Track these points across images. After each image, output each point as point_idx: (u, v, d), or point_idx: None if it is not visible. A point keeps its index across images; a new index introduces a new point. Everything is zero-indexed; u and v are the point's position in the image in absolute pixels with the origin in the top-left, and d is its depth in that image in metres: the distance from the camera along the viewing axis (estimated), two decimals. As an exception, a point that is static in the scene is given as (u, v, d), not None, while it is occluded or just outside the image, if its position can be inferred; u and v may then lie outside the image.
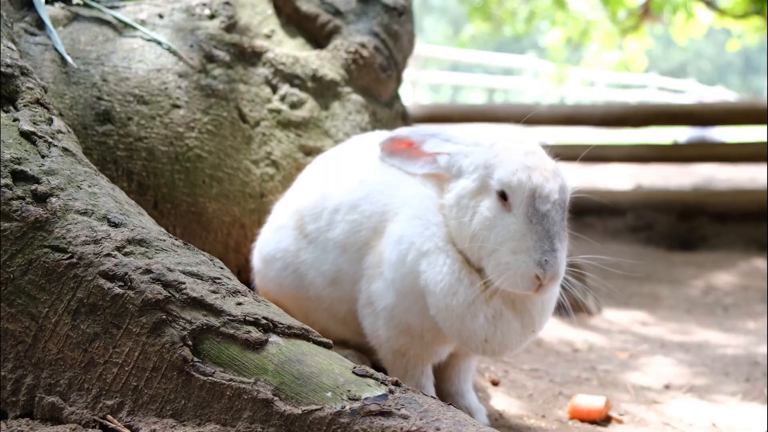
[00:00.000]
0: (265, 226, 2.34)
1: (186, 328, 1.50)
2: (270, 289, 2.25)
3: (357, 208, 2.01)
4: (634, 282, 4.78)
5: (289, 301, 2.17)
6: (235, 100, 2.61)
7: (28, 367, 1.56)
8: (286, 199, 2.30)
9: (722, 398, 2.61)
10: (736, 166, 8.80)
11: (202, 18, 2.70)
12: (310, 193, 2.17)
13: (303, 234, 2.13)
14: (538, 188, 1.72)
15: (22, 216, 1.61)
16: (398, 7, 2.99)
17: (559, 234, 1.72)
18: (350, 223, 2.01)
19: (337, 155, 2.26)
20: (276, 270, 2.20)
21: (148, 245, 1.63)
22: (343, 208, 2.04)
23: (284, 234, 2.18)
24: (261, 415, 1.43)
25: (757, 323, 3.82)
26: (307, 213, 2.12)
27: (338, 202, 2.05)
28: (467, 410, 2.07)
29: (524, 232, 1.71)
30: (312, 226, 2.11)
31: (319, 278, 2.10)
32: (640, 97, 21.83)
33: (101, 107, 2.38)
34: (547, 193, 1.72)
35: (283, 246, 2.18)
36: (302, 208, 2.15)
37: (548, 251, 1.69)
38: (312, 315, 2.17)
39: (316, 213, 2.10)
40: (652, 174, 8.95)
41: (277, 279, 2.21)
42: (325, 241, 2.07)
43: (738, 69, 39.47)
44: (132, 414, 1.49)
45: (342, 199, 2.05)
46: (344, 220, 2.02)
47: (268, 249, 2.24)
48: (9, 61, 1.87)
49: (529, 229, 1.70)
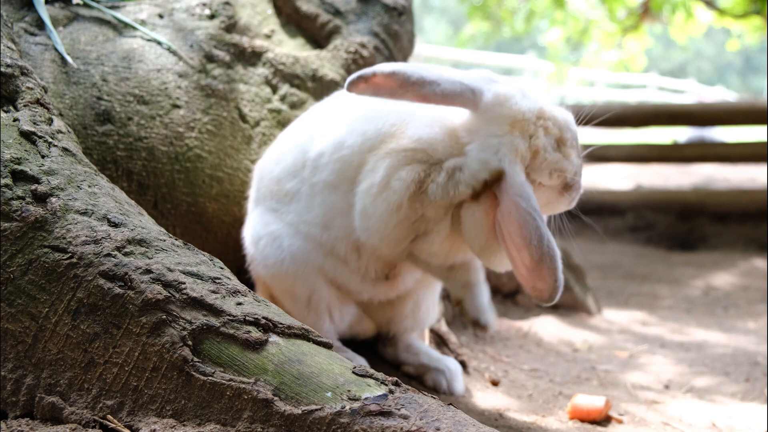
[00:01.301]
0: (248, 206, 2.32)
1: (186, 328, 1.51)
2: (261, 273, 2.21)
3: (343, 144, 1.99)
4: (634, 282, 4.78)
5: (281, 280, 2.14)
6: (235, 100, 2.61)
7: (28, 367, 1.56)
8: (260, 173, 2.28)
9: (722, 398, 2.61)
10: (735, 166, 8.81)
11: (202, 18, 2.70)
12: (285, 157, 2.15)
13: (281, 197, 2.12)
14: (570, 177, 1.92)
15: (22, 216, 1.61)
16: (398, 7, 2.99)
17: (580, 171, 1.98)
18: (339, 161, 1.99)
19: (299, 123, 2.25)
20: (261, 248, 2.16)
21: (148, 245, 1.63)
22: (327, 151, 2.02)
23: (262, 213, 2.18)
24: (261, 415, 1.43)
25: (757, 323, 3.82)
26: (284, 176, 2.11)
27: (320, 149, 2.04)
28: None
29: (558, 194, 1.96)
30: (291, 183, 2.09)
31: (313, 228, 2.07)
32: (639, 97, 21.83)
33: (101, 107, 2.38)
34: (573, 177, 1.93)
35: (265, 222, 2.16)
36: (278, 173, 2.13)
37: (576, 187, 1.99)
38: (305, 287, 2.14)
39: (295, 170, 2.09)
40: (651, 174, 8.96)
41: (264, 259, 2.16)
42: (310, 188, 2.05)
43: (738, 69, 39.47)
44: (132, 414, 1.49)
45: (324, 145, 2.03)
46: (331, 160, 2.00)
47: (254, 230, 2.21)
48: (9, 61, 1.87)
49: (564, 194, 1.97)
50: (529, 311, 3.50)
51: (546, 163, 1.85)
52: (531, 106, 1.86)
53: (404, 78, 1.79)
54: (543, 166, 1.85)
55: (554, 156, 1.86)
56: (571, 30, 14.14)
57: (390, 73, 1.79)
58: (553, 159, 1.86)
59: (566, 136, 1.88)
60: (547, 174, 1.87)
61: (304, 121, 2.24)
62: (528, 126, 1.84)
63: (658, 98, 21.74)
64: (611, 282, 4.76)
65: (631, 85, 23.04)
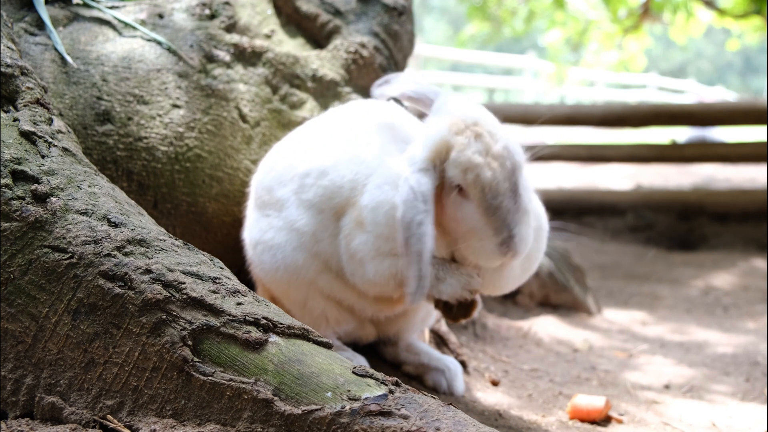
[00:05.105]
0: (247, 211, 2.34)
1: (186, 328, 1.51)
2: (260, 276, 2.23)
3: (326, 174, 2.04)
4: (634, 282, 4.78)
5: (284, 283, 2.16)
6: (235, 100, 2.61)
7: (28, 367, 1.56)
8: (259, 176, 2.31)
9: (722, 398, 2.61)
10: (735, 166, 8.80)
11: (202, 18, 2.70)
12: (278, 164, 2.19)
13: (272, 203, 2.15)
14: (488, 185, 1.83)
15: (22, 216, 1.61)
16: (398, 7, 2.99)
17: (514, 216, 1.85)
18: (321, 188, 2.04)
19: (297, 131, 2.30)
20: (258, 253, 2.18)
21: (148, 245, 1.63)
22: (313, 173, 2.07)
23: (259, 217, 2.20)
24: (261, 415, 1.43)
25: (757, 323, 3.82)
26: (275, 185, 2.15)
27: (307, 169, 2.08)
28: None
29: (484, 222, 1.85)
30: (280, 191, 2.13)
31: (305, 237, 2.09)
32: (639, 97, 21.84)
33: (101, 107, 2.38)
34: (495, 187, 1.83)
35: (261, 228, 2.18)
36: (268, 183, 2.18)
37: (506, 238, 1.85)
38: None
39: (283, 180, 2.13)
40: (651, 174, 8.96)
41: (261, 264, 2.19)
42: (298, 201, 2.08)
43: (738, 69, 39.48)
44: (132, 414, 1.49)
45: (311, 166, 2.08)
46: (315, 184, 2.05)
47: (252, 235, 2.23)
48: (9, 61, 1.87)
49: (487, 221, 1.85)
50: (529, 311, 3.50)
51: (462, 157, 1.84)
52: (472, 115, 1.91)
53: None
54: (459, 160, 1.84)
55: (475, 156, 1.84)
56: (571, 30, 14.13)
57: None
58: (472, 159, 1.84)
59: (500, 152, 1.86)
60: (460, 170, 1.84)
61: (296, 135, 2.28)
62: (459, 125, 1.88)
63: (658, 98, 21.74)
64: (611, 282, 4.76)
65: (631, 85, 23.04)
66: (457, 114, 1.91)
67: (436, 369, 2.33)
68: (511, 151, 1.88)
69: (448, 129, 1.88)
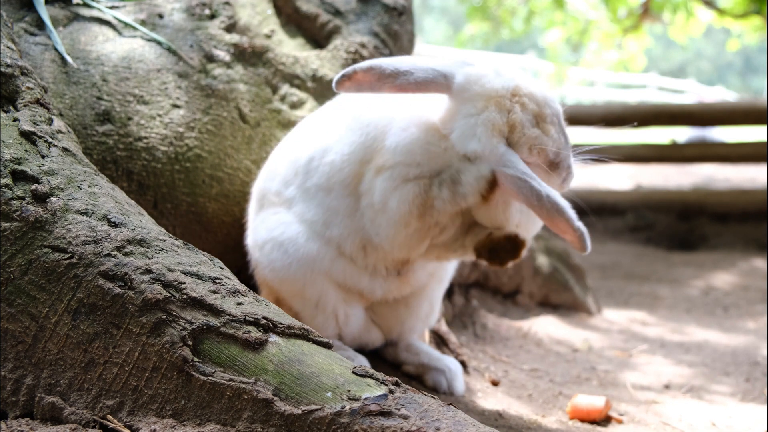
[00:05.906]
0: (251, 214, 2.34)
1: (186, 328, 1.51)
2: (268, 278, 2.20)
3: (330, 149, 2.04)
4: (634, 282, 4.78)
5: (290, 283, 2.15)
6: (235, 100, 2.61)
7: (28, 367, 1.56)
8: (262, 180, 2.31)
9: (722, 398, 2.61)
10: (735, 166, 8.81)
11: (202, 18, 2.70)
12: (279, 171, 2.19)
13: (282, 202, 2.15)
14: (552, 152, 1.89)
15: (22, 216, 1.61)
16: (398, 7, 2.99)
17: (568, 154, 1.95)
18: (328, 164, 2.03)
19: (293, 132, 2.31)
20: (266, 253, 2.17)
21: (148, 245, 1.63)
22: (316, 155, 2.07)
23: (271, 215, 2.20)
24: (261, 415, 1.43)
25: (757, 323, 3.82)
26: (281, 187, 2.15)
27: (310, 154, 2.08)
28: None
29: (548, 176, 1.91)
30: (288, 191, 2.12)
31: (316, 226, 2.08)
32: (639, 97, 21.83)
33: (101, 107, 2.38)
34: (557, 149, 1.90)
35: (268, 226, 2.17)
36: (276, 188, 2.17)
37: (566, 175, 1.98)
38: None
39: (289, 180, 2.13)
40: (652, 174, 8.96)
41: (271, 263, 2.17)
42: (304, 193, 2.08)
43: (738, 69, 39.47)
44: (132, 414, 1.49)
45: (313, 150, 2.08)
46: (321, 164, 2.05)
47: (258, 235, 2.21)
48: (9, 61, 1.87)
49: (552, 172, 1.92)
50: (529, 311, 3.51)
51: (524, 138, 1.85)
52: (505, 84, 1.88)
53: (380, 71, 1.85)
54: (522, 141, 1.85)
55: (532, 131, 1.86)
56: (570, 30, 14.13)
57: (368, 68, 1.86)
58: (531, 134, 1.86)
59: (545, 112, 1.89)
60: (527, 150, 1.86)
61: (293, 135, 2.28)
62: (503, 102, 1.85)
63: (658, 98, 21.74)
64: (611, 282, 4.76)
65: (631, 85, 23.03)
66: (493, 87, 1.87)
67: (436, 369, 2.33)
68: (551, 103, 1.91)
69: (497, 110, 1.85)
